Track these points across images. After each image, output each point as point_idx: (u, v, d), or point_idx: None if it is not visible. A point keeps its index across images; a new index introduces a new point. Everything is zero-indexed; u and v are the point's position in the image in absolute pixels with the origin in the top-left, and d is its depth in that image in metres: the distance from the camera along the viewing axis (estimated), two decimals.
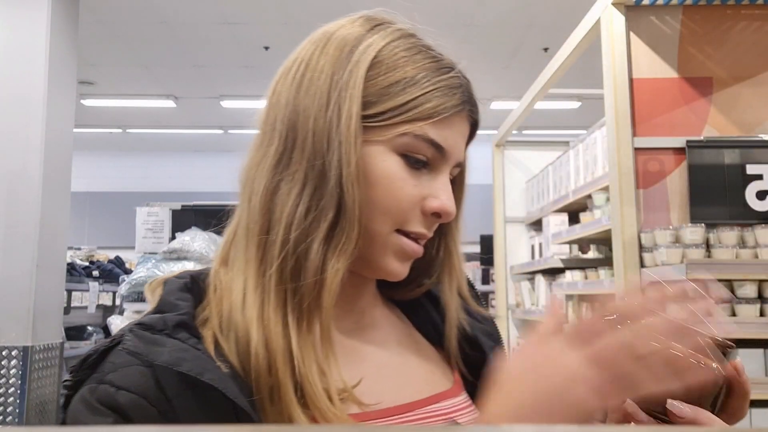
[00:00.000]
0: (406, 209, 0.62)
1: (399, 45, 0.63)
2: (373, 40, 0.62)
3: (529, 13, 5.32)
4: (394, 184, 0.61)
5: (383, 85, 0.60)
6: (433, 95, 0.61)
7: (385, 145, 0.60)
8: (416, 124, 0.60)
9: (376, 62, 0.61)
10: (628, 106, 2.17)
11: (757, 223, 2.00)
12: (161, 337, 0.54)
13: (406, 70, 0.61)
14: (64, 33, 3.45)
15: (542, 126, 8.35)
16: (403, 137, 0.60)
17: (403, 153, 0.61)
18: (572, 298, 3.12)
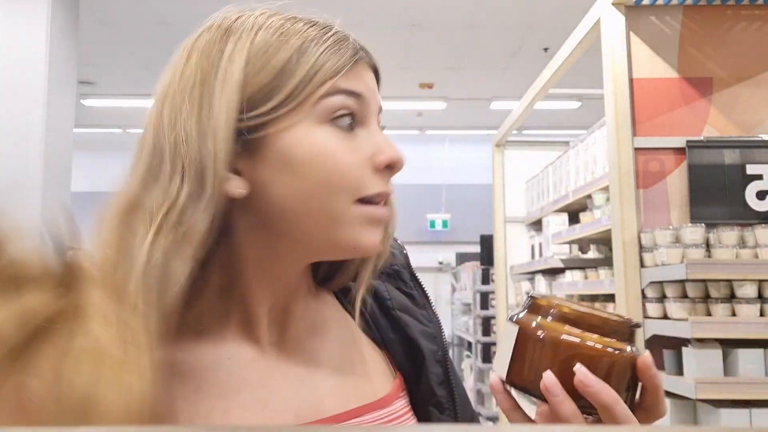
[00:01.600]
0: (357, 176, 0.58)
1: (271, 26, 0.59)
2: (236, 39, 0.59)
3: (529, 13, 5.32)
4: (333, 156, 0.57)
5: (273, 70, 0.57)
6: (327, 54, 0.58)
7: (308, 121, 0.57)
8: (327, 84, 0.57)
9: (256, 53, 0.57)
10: (628, 106, 2.18)
11: (757, 223, 2.00)
12: None
13: (290, 47, 0.58)
14: (64, 33, 3.45)
15: (542, 126, 8.35)
16: (321, 102, 0.57)
17: (329, 119, 0.58)
18: (572, 298, 3.12)
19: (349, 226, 0.58)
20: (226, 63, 0.57)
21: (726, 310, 1.90)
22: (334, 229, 0.58)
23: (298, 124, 0.57)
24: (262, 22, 0.59)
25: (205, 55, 0.59)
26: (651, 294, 2.06)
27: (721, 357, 1.88)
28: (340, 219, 0.58)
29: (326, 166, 0.57)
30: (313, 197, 0.57)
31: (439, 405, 0.68)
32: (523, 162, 4.22)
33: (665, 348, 2.03)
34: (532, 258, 3.93)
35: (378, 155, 0.59)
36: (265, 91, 0.56)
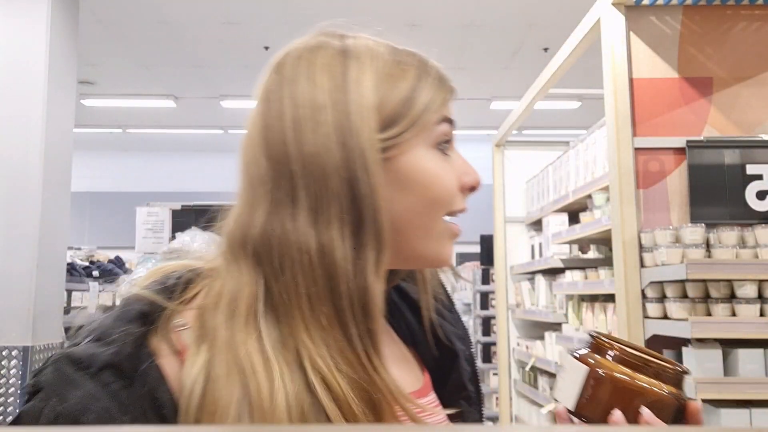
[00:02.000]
0: (453, 194, 0.65)
1: (384, 56, 0.64)
2: (359, 62, 0.63)
3: (529, 13, 5.32)
4: (441, 176, 0.64)
5: (397, 101, 0.62)
6: (437, 85, 0.65)
7: (424, 146, 0.63)
8: (438, 114, 0.64)
9: (383, 78, 0.62)
10: (628, 106, 2.18)
11: (757, 223, 2.00)
12: (81, 377, 0.52)
13: (410, 77, 0.64)
14: (64, 33, 3.45)
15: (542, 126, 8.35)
16: (434, 130, 0.64)
17: (436, 144, 0.64)
18: (572, 298, 3.12)
19: (437, 239, 0.65)
20: (355, 85, 0.61)
21: (726, 310, 1.90)
22: (426, 241, 0.65)
23: (415, 148, 0.63)
24: (375, 49, 0.65)
25: (330, 76, 0.62)
26: (651, 294, 2.06)
27: (721, 357, 1.88)
28: (432, 232, 0.64)
29: (435, 186, 0.63)
30: (419, 212, 0.63)
31: (468, 398, 0.74)
32: (523, 162, 4.21)
33: (665, 348, 2.03)
34: (532, 258, 3.93)
35: (464, 176, 0.66)
36: (392, 116, 0.61)
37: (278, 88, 0.63)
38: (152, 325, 0.57)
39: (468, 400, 0.74)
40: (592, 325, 2.79)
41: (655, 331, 2.04)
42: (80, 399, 0.51)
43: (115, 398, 0.52)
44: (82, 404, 0.51)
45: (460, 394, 0.74)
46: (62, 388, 0.52)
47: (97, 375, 0.53)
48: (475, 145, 10.27)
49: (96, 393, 0.52)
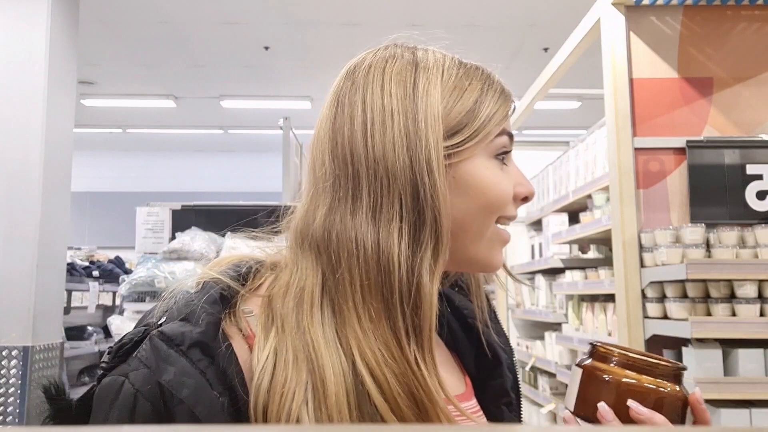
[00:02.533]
0: (507, 201, 0.68)
1: (451, 69, 0.68)
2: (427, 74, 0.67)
3: (529, 13, 5.32)
4: (498, 184, 0.67)
5: (462, 112, 0.66)
6: (499, 101, 0.69)
7: (484, 155, 0.67)
8: (499, 126, 0.68)
9: (450, 89, 0.66)
10: (628, 106, 2.17)
11: (757, 223, 2.00)
12: (174, 353, 0.57)
13: (472, 89, 0.68)
14: (64, 33, 3.45)
15: (542, 126, 8.35)
16: (495, 141, 0.68)
17: (495, 154, 0.68)
18: (572, 298, 3.12)
19: (489, 244, 0.69)
20: (424, 95, 0.65)
21: (726, 310, 1.90)
22: (478, 245, 0.68)
23: (476, 156, 0.67)
24: (442, 61, 0.69)
25: (401, 85, 0.66)
26: (651, 294, 2.06)
27: (721, 357, 1.88)
28: (487, 238, 0.68)
29: (491, 192, 0.67)
30: (475, 216, 0.67)
31: (509, 404, 0.78)
32: (523, 162, 4.21)
33: (665, 348, 2.03)
34: (532, 258, 3.93)
35: (519, 187, 0.70)
36: (456, 126, 0.66)
37: (350, 94, 0.67)
38: (227, 309, 0.62)
39: (509, 406, 0.78)
40: (593, 325, 2.79)
41: (655, 331, 2.04)
42: (176, 374, 0.56)
43: (204, 375, 0.57)
44: (177, 379, 0.56)
45: (502, 400, 0.77)
46: (158, 362, 0.57)
47: (186, 353, 0.57)
48: None
49: (188, 370, 0.56)
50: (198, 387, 0.56)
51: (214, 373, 0.57)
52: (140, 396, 0.56)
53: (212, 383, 0.57)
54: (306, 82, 7.01)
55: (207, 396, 0.56)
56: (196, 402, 0.55)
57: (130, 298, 3.15)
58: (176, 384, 0.56)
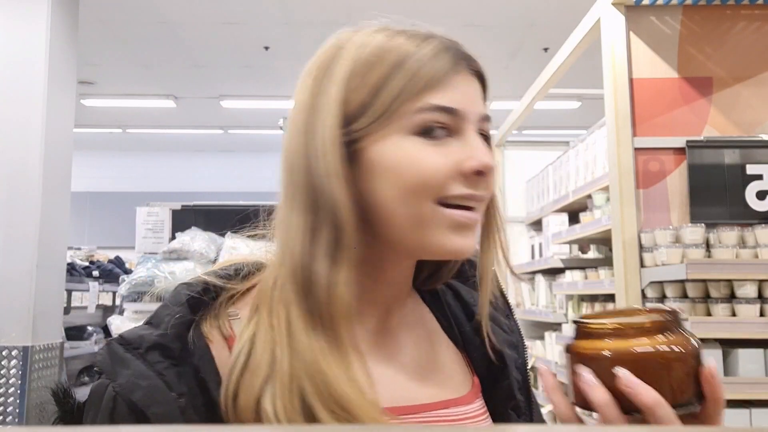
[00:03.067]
0: (441, 179, 0.61)
1: (371, 44, 0.63)
2: (341, 59, 0.64)
3: (529, 13, 5.31)
4: (418, 162, 0.61)
5: (369, 87, 0.61)
6: (422, 68, 0.62)
7: (397, 134, 0.61)
8: (417, 99, 0.61)
9: (355, 70, 0.62)
10: (628, 106, 2.17)
11: (757, 223, 2.00)
12: (130, 356, 0.58)
13: (386, 63, 0.62)
14: (64, 33, 3.45)
15: (542, 126, 8.34)
16: (412, 118, 0.61)
17: (418, 131, 0.62)
18: (572, 298, 3.12)
19: (436, 230, 0.62)
20: (327, 82, 0.63)
21: (726, 310, 1.90)
22: (421, 232, 0.62)
23: (389, 136, 0.61)
24: (365, 40, 0.64)
25: (313, 76, 0.65)
26: (651, 294, 2.06)
27: (721, 357, 1.88)
28: (426, 222, 0.62)
29: (411, 172, 0.61)
30: (401, 202, 0.61)
31: (517, 408, 0.72)
32: (523, 162, 4.21)
33: None
34: (532, 258, 3.93)
35: (467, 161, 0.62)
36: (362, 107, 0.62)
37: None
38: (202, 310, 0.63)
39: (517, 410, 0.72)
40: None
41: None
42: (129, 377, 0.57)
43: (162, 376, 0.57)
44: (131, 382, 0.57)
45: (509, 403, 0.72)
46: (113, 366, 0.58)
47: (144, 355, 0.58)
48: None
49: (143, 371, 0.57)
50: (152, 389, 0.56)
51: (175, 375, 0.58)
52: (119, 398, 0.57)
53: (171, 385, 0.57)
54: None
55: (162, 398, 0.56)
56: (149, 404, 0.56)
57: (130, 298, 3.15)
58: (128, 386, 0.56)
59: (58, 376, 3.28)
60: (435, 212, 0.62)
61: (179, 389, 0.57)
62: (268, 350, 0.59)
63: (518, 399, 0.72)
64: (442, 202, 0.62)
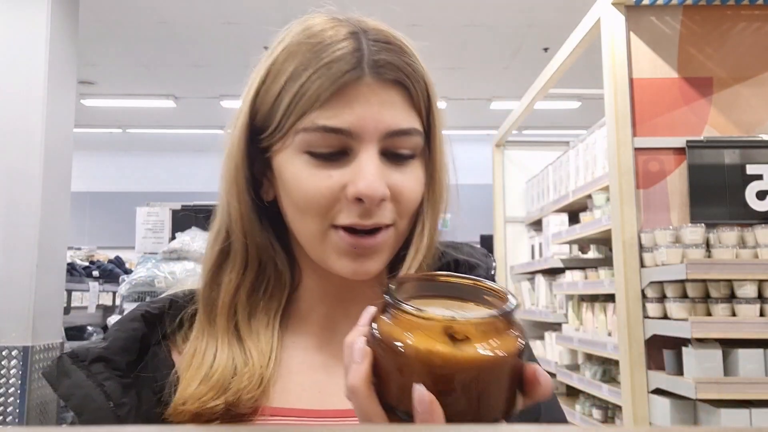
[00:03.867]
0: (324, 203, 0.58)
1: (287, 47, 0.61)
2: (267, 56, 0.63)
3: (529, 13, 5.31)
4: (303, 183, 0.59)
5: (271, 97, 0.61)
6: (311, 81, 0.57)
7: (289, 150, 0.60)
8: (305, 118, 0.58)
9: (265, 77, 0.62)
10: (628, 106, 2.17)
11: (757, 223, 2.00)
12: (74, 368, 0.62)
13: (287, 71, 0.59)
14: (64, 33, 3.45)
15: (542, 126, 8.34)
16: (297, 136, 0.59)
17: (306, 151, 0.59)
18: (572, 298, 3.12)
19: (326, 251, 0.61)
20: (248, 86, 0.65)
21: (726, 310, 1.90)
22: (314, 250, 0.62)
23: (283, 150, 0.61)
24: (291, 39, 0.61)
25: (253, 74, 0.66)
26: (651, 294, 2.06)
27: (721, 357, 1.88)
28: (318, 242, 0.61)
29: (296, 193, 0.60)
30: (297, 218, 0.62)
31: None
32: (523, 162, 4.21)
33: (665, 348, 2.03)
34: (532, 258, 3.93)
35: (349, 187, 0.58)
36: (265, 117, 0.62)
37: None
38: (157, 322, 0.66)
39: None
40: (593, 325, 2.79)
41: (655, 331, 2.04)
42: (67, 387, 0.61)
43: (101, 387, 0.60)
44: (68, 391, 0.60)
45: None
46: (57, 378, 0.62)
47: (88, 366, 0.62)
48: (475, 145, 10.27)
49: (81, 382, 0.60)
50: (86, 397, 0.60)
51: (118, 385, 0.61)
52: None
53: (111, 394, 0.60)
54: None
55: (95, 406, 0.59)
56: (81, 410, 0.60)
57: (130, 298, 3.15)
58: (65, 395, 0.61)
59: None
60: (327, 235, 0.60)
61: (119, 399, 0.60)
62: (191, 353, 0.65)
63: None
64: (334, 225, 0.59)
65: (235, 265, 0.65)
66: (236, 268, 0.65)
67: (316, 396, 0.64)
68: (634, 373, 2.07)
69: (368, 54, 0.58)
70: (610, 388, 2.54)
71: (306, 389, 0.64)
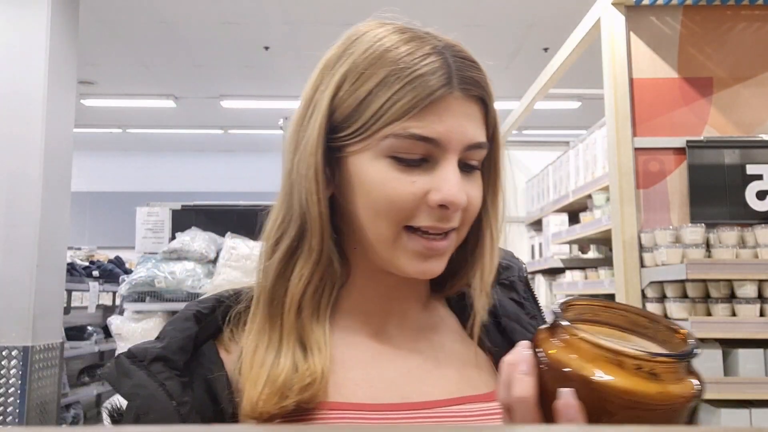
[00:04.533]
0: (406, 207, 0.62)
1: (371, 50, 0.63)
2: (345, 59, 0.64)
3: (529, 13, 5.31)
4: (386, 186, 0.61)
5: (356, 99, 0.62)
6: (404, 91, 0.60)
7: (371, 152, 0.62)
8: (396, 124, 0.60)
9: (350, 76, 0.63)
10: (628, 106, 2.17)
11: (757, 223, 2.00)
12: (134, 368, 0.62)
13: (376, 76, 0.61)
14: (64, 33, 3.45)
15: (542, 126, 8.34)
16: (385, 141, 0.61)
17: (391, 155, 0.61)
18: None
19: (397, 252, 0.64)
20: (328, 80, 0.64)
21: (726, 310, 1.90)
22: (384, 251, 0.64)
23: (364, 152, 0.62)
24: (369, 44, 0.63)
25: (319, 70, 0.66)
26: (651, 294, 2.06)
27: (721, 357, 1.88)
28: (389, 243, 0.64)
29: (378, 195, 0.62)
30: (370, 220, 0.63)
31: None
32: (523, 162, 4.21)
33: None
34: (532, 258, 3.93)
35: (433, 193, 0.61)
36: (346, 117, 0.63)
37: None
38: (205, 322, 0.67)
39: None
40: None
41: None
42: (130, 387, 0.61)
43: (162, 386, 0.61)
44: (131, 391, 0.61)
45: None
46: (118, 377, 0.63)
47: (147, 366, 0.62)
48: None
49: (143, 382, 0.61)
50: (150, 397, 0.60)
51: (178, 384, 0.62)
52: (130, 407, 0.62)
53: (172, 393, 0.61)
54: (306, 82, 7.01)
55: (160, 406, 0.60)
56: (146, 411, 0.60)
57: (130, 298, 3.15)
58: (130, 395, 0.61)
59: (58, 376, 3.28)
60: (400, 237, 0.63)
61: (181, 398, 0.61)
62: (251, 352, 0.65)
63: None
64: (409, 227, 0.63)
65: (308, 261, 0.64)
66: (309, 264, 0.65)
67: (368, 390, 0.65)
68: None
69: (456, 70, 0.62)
70: None
71: (359, 384, 0.66)
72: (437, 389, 0.67)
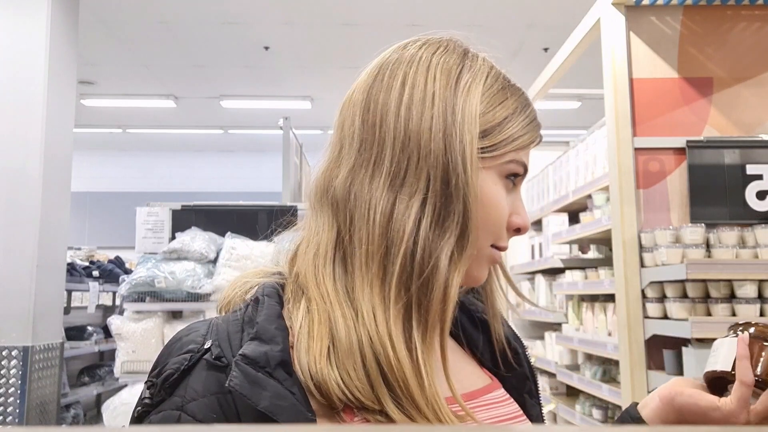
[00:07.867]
0: (501, 226, 0.68)
1: (494, 80, 0.69)
2: (472, 74, 0.68)
3: (529, 13, 5.31)
4: (501, 204, 0.67)
5: (494, 120, 0.67)
6: (527, 128, 0.69)
7: (495, 171, 0.67)
8: (521, 152, 0.69)
9: (487, 96, 0.67)
10: (628, 106, 2.18)
11: (757, 223, 2.00)
12: (263, 376, 0.55)
13: (507, 106, 0.68)
14: (64, 33, 3.45)
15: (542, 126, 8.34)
16: (509, 164, 0.68)
17: (507, 176, 0.68)
18: (572, 298, 3.12)
19: (481, 262, 0.68)
20: (465, 91, 0.66)
21: (726, 310, 1.90)
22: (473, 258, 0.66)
23: (491, 168, 0.67)
24: (487, 69, 0.70)
25: (441, 71, 0.67)
26: (651, 294, 2.06)
27: None
28: (479, 253, 0.67)
29: (494, 211, 0.66)
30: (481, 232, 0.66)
31: (531, 392, 0.78)
32: None
33: (665, 348, 2.03)
34: (532, 258, 3.93)
35: (515, 217, 0.69)
36: (483, 132, 0.66)
37: (393, 66, 0.68)
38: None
39: (530, 394, 0.78)
40: (592, 325, 2.79)
41: (655, 331, 2.04)
42: (269, 399, 0.54)
43: (294, 395, 0.55)
44: (273, 404, 0.54)
45: (523, 389, 0.77)
46: (252, 388, 0.55)
47: (273, 374, 0.56)
48: None
49: (281, 392, 0.55)
50: (291, 410, 0.54)
51: (299, 392, 0.56)
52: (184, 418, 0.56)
53: (301, 401, 0.55)
54: (306, 82, 7.01)
55: (303, 418, 0.54)
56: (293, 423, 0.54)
57: (130, 298, 3.15)
58: (274, 409, 0.54)
59: (58, 376, 3.28)
60: (486, 249, 0.68)
61: (306, 405, 0.56)
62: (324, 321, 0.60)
63: (530, 382, 0.78)
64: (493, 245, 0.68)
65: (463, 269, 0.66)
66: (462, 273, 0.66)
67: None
68: (634, 373, 2.07)
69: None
70: (610, 388, 2.54)
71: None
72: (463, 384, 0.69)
